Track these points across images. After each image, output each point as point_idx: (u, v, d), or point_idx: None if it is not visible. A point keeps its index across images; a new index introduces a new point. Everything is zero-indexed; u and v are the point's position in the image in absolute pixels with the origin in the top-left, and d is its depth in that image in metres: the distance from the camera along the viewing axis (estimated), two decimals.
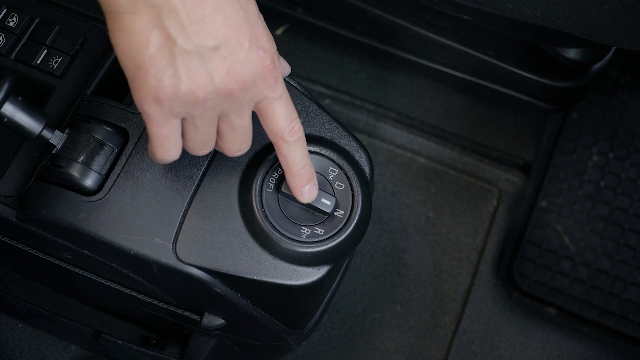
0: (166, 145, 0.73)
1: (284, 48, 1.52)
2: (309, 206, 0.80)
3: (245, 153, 0.80)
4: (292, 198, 0.80)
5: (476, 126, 1.49)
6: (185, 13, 0.66)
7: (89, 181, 0.79)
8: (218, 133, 0.75)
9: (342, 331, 1.32)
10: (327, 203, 0.80)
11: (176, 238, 0.79)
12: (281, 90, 0.74)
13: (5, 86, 0.73)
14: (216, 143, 0.76)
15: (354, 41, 1.44)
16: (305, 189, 0.79)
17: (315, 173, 0.79)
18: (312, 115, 0.85)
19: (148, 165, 0.80)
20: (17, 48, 0.89)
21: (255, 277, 0.79)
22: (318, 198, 0.80)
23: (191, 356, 1.05)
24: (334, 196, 0.81)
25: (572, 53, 1.28)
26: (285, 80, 0.85)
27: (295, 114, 0.76)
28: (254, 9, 0.71)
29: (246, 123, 0.74)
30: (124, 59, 0.69)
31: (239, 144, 0.76)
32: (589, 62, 1.31)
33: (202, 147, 0.75)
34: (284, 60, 0.83)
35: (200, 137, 0.73)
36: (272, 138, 0.76)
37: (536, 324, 1.34)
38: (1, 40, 0.89)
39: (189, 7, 0.66)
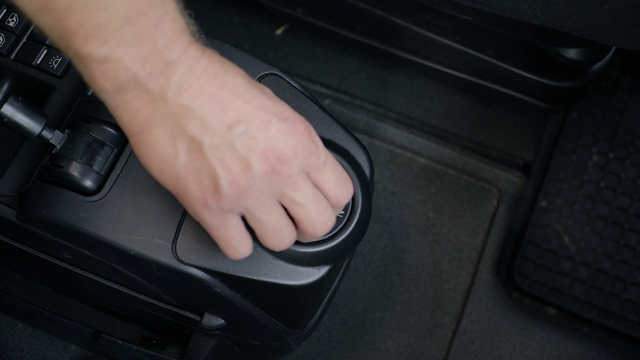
0: (233, 245, 0.71)
1: (284, 48, 1.52)
2: None
3: None
4: None
5: (476, 126, 1.49)
6: (202, 111, 0.65)
7: (89, 181, 0.79)
8: (293, 220, 0.72)
9: (342, 331, 1.32)
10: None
11: (176, 238, 0.79)
12: (324, 155, 0.71)
13: (5, 86, 0.73)
14: (299, 232, 0.73)
15: (354, 41, 1.44)
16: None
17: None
18: (312, 115, 0.85)
19: None
20: (17, 48, 0.89)
21: (255, 277, 0.79)
22: None
23: (191, 356, 1.05)
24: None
25: (572, 53, 1.28)
26: (285, 79, 0.85)
27: (345, 176, 0.73)
28: (270, 91, 0.70)
29: (309, 195, 0.70)
30: (161, 178, 0.68)
31: (316, 217, 0.71)
32: (589, 62, 1.31)
33: (278, 238, 0.71)
34: None
35: (269, 227, 0.70)
36: None
37: (536, 324, 1.34)
38: (1, 40, 0.89)
39: (204, 105, 0.65)
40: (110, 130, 0.80)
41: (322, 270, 0.81)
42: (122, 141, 0.81)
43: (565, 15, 0.97)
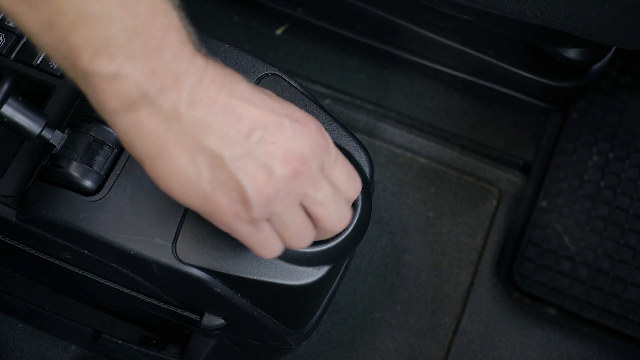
0: (269, 247, 0.71)
1: (284, 48, 1.52)
2: None
3: None
4: None
5: (476, 126, 1.49)
6: (217, 124, 0.63)
7: (89, 181, 0.79)
8: (312, 218, 0.72)
9: (342, 331, 1.32)
10: None
11: (176, 238, 0.79)
12: (335, 151, 0.71)
13: (5, 86, 0.73)
14: (318, 229, 0.73)
15: (354, 41, 1.44)
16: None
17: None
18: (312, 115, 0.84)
19: None
20: (17, 48, 0.89)
21: (255, 277, 0.79)
22: None
23: (191, 356, 1.05)
24: None
25: (572, 53, 1.28)
26: (285, 79, 0.85)
27: (353, 170, 0.74)
28: (272, 93, 0.69)
29: (329, 193, 0.70)
30: (188, 199, 0.66)
31: (336, 214, 0.72)
32: (589, 62, 1.31)
33: (301, 239, 0.72)
34: None
35: (293, 229, 0.70)
36: None
37: (536, 324, 1.34)
38: (1, 40, 0.89)
39: (218, 116, 0.63)
40: (111, 130, 0.80)
41: (322, 270, 0.81)
42: None
43: (565, 15, 0.97)
